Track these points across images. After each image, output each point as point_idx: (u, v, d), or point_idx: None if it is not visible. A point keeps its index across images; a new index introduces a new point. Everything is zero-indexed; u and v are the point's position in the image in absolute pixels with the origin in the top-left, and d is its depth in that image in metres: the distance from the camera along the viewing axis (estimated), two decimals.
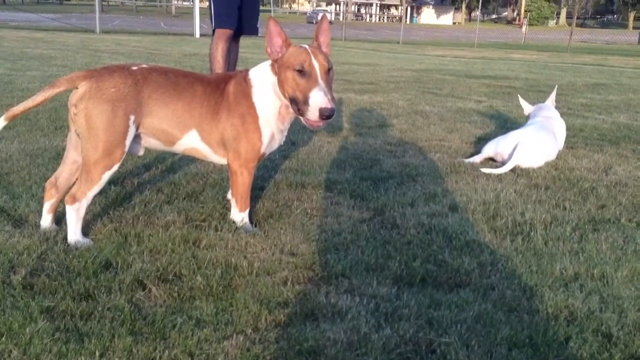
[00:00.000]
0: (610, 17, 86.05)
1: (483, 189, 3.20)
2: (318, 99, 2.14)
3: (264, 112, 2.37)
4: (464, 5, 79.36)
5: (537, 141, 3.75)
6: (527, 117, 4.29)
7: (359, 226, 2.56)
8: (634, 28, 50.64)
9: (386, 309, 1.82)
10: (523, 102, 4.37)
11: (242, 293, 1.89)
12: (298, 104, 2.22)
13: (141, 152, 2.39)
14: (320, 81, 2.17)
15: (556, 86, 4.60)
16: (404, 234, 2.49)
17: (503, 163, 3.69)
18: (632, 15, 69.03)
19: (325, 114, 2.13)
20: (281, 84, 2.28)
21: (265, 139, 2.39)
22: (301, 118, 2.26)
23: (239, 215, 2.49)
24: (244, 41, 5.93)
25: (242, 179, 2.43)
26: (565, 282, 2.09)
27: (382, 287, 1.99)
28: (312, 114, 2.15)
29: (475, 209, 2.85)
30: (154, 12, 60.53)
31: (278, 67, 2.29)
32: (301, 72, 2.20)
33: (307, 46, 2.27)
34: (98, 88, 2.13)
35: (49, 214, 2.34)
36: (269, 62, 2.39)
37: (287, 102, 2.31)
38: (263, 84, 2.37)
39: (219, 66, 4.59)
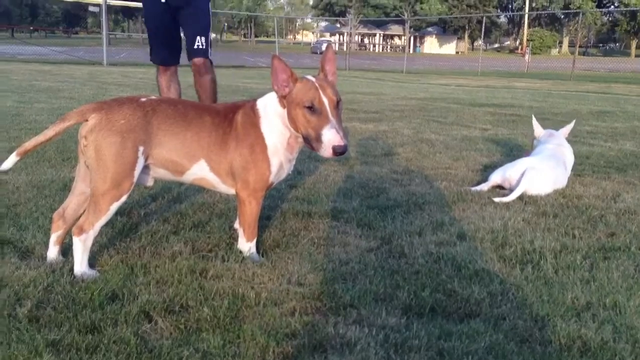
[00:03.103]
0: (612, 45, 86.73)
1: (491, 217, 3.18)
2: (331, 137, 2.14)
3: (273, 142, 2.38)
4: (466, 35, 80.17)
5: (546, 168, 3.74)
6: (534, 140, 4.28)
7: (367, 255, 2.54)
8: (637, 56, 50.97)
9: (396, 340, 1.79)
10: (536, 124, 4.35)
11: (249, 324, 1.87)
12: (311, 140, 2.21)
13: (150, 183, 2.39)
14: (331, 117, 2.17)
15: (574, 121, 4.57)
16: (412, 263, 2.46)
17: (511, 190, 3.67)
18: (634, 44, 69.60)
19: (338, 151, 2.14)
20: (292, 120, 2.28)
21: (274, 168, 2.40)
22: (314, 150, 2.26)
23: (246, 245, 2.48)
24: (248, 72, 5.97)
25: (250, 208, 2.42)
26: (577, 312, 2.06)
27: (391, 317, 1.96)
28: (326, 151, 2.15)
29: (484, 238, 2.83)
30: None
31: (287, 102, 2.28)
32: (311, 108, 2.19)
33: (314, 79, 2.27)
34: (108, 120, 2.14)
35: (56, 246, 2.34)
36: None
37: (297, 133, 2.31)
38: (271, 115, 2.38)
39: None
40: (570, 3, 70.43)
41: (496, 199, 3.53)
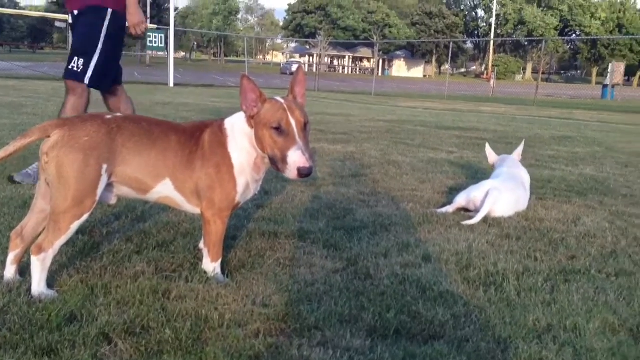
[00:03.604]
0: (574, 72, 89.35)
1: (456, 239, 3.22)
2: (296, 158, 2.13)
3: (239, 161, 2.36)
4: (434, 59, 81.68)
5: (508, 189, 3.82)
6: (492, 166, 4.38)
7: (332, 277, 2.53)
8: (597, 83, 52.55)
9: None
10: (489, 151, 4.45)
11: (212, 346, 1.83)
12: (276, 161, 2.21)
13: (113, 201, 2.35)
14: (298, 139, 2.17)
15: (523, 140, 4.70)
16: (377, 284, 2.47)
17: (476, 211, 3.72)
18: (595, 71, 71.89)
19: (303, 173, 2.13)
20: (258, 140, 2.27)
21: (240, 188, 2.38)
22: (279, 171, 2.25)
23: (211, 265, 2.45)
24: (217, 91, 5.96)
25: (216, 228, 2.40)
26: (538, 334, 2.08)
27: (356, 339, 1.96)
28: (291, 172, 2.15)
29: (449, 260, 2.85)
30: (128, 62, 60.79)
31: (255, 123, 2.28)
32: (278, 129, 2.19)
33: (282, 101, 2.27)
34: (71, 137, 2.10)
35: (13, 265, 2.27)
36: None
37: (263, 154, 2.31)
38: (238, 134, 2.37)
39: None
40: (534, 30, 72.50)
41: (463, 222, 3.57)
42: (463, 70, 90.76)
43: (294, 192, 4.19)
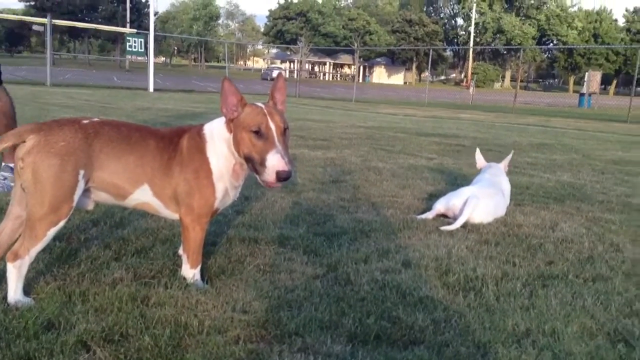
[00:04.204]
0: (551, 81, 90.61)
1: (435, 244, 3.24)
2: (275, 161, 2.14)
3: (218, 167, 2.35)
4: (414, 66, 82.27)
5: (486, 196, 3.86)
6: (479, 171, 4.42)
7: (313, 282, 2.53)
8: (574, 91, 53.36)
9: None
10: (479, 157, 4.49)
11: (192, 353, 1.82)
12: (254, 164, 2.21)
13: (90, 207, 2.33)
14: (277, 143, 2.17)
15: (512, 152, 4.75)
16: (357, 290, 2.47)
17: (455, 218, 3.75)
18: (572, 80, 72.96)
19: (282, 177, 2.13)
20: (237, 143, 2.27)
21: (219, 194, 2.37)
22: (257, 177, 2.24)
23: (190, 271, 2.43)
24: (197, 96, 5.93)
25: (195, 234, 2.38)
26: (517, 338, 2.10)
27: (336, 345, 1.96)
28: (269, 176, 2.15)
29: (428, 265, 2.87)
30: (107, 66, 60.46)
31: (234, 126, 2.28)
32: (258, 133, 2.20)
33: (263, 106, 2.28)
34: (47, 142, 2.07)
35: None
36: (223, 118, 2.39)
37: (242, 160, 2.30)
38: (217, 140, 2.36)
39: None
40: (512, 39, 73.47)
41: (442, 228, 3.60)
42: (443, 77, 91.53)
43: (274, 198, 4.19)
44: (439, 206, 3.93)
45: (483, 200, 3.81)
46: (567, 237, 3.59)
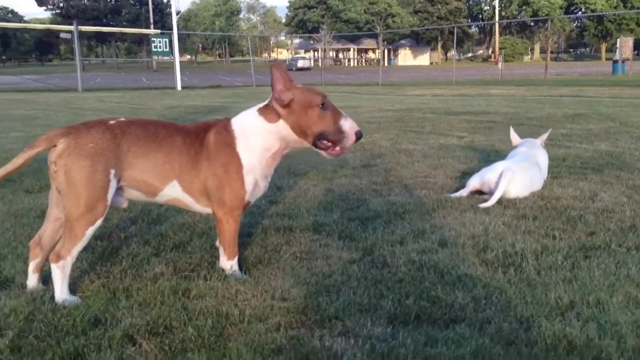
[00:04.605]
0: (583, 50, 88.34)
1: (471, 222, 3.20)
2: (350, 123, 2.33)
3: (250, 161, 2.37)
4: (439, 46, 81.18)
5: (521, 169, 3.81)
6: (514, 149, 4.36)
7: (349, 267, 2.54)
8: (607, 59, 51.95)
9: (382, 350, 1.79)
10: (513, 135, 4.44)
11: (234, 342, 1.85)
12: (328, 136, 2.32)
13: (125, 205, 2.36)
14: (340, 110, 2.35)
15: (549, 130, 4.66)
16: (395, 272, 2.46)
17: (490, 193, 3.71)
18: (604, 47, 70.96)
19: (360, 135, 2.34)
20: (304, 124, 2.33)
21: (249, 187, 2.39)
22: (322, 152, 2.37)
23: (227, 263, 2.46)
24: (224, 91, 5.96)
25: (228, 227, 2.41)
26: (561, 311, 2.07)
27: (377, 327, 1.96)
28: (350, 139, 2.33)
29: (465, 243, 2.84)
30: (135, 68, 61.27)
31: (291, 111, 2.34)
32: (324, 106, 2.32)
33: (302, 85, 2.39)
34: (76, 144, 2.12)
35: (35, 274, 2.30)
36: (255, 110, 2.41)
37: (299, 141, 2.38)
38: (250, 134, 2.38)
39: None
40: (538, 10, 71.76)
41: (480, 205, 3.56)
42: (470, 55, 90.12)
43: (306, 186, 4.20)
44: (474, 182, 3.88)
45: (518, 173, 3.75)
46: (607, 206, 3.52)
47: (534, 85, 21.09)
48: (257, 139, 2.37)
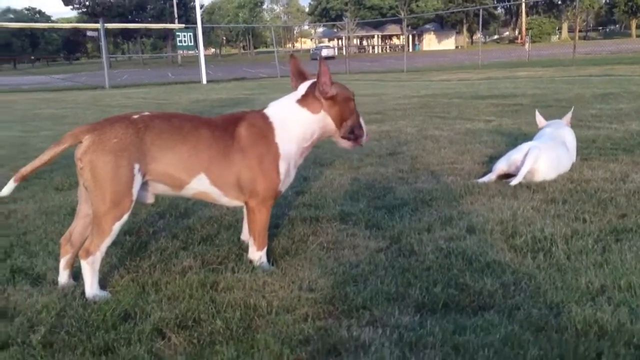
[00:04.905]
0: (612, 27, 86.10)
1: (499, 208, 3.16)
2: (363, 122, 2.62)
3: (288, 151, 2.42)
4: (464, 29, 80.00)
5: (547, 148, 3.77)
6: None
7: (377, 256, 2.53)
8: (638, 36, 50.57)
9: (410, 339, 1.78)
10: (539, 117, 4.39)
11: (262, 333, 1.86)
12: (354, 129, 2.53)
13: (151, 200, 2.38)
14: None
15: (572, 108, 4.58)
16: (422, 260, 2.45)
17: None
18: (634, 23, 68.98)
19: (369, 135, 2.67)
20: (341, 116, 2.51)
21: (282, 176, 2.42)
22: (348, 142, 2.55)
23: (257, 253, 2.48)
24: (249, 83, 5.98)
25: (261, 216, 2.43)
26: (592, 296, 2.04)
27: (405, 316, 1.95)
28: (367, 136, 2.62)
29: (493, 229, 2.81)
30: (160, 63, 61.83)
31: (334, 102, 2.48)
32: (354, 102, 2.54)
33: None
34: (100, 140, 2.14)
35: (66, 270, 2.34)
36: (293, 102, 2.47)
37: (334, 132, 2.53)
38: (290, 124, 2.44)
39: None
40: None
41: (506, 181, 3.56)
42: (496, 37, 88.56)
43: (332, 176, 4.19)
44: (501, 165, 3.83)
45: (545, 151, 3.70)
46: (639, 188, 3.43)
47: (562, 65, 20.66)
48: (298, 129, 2.44)
